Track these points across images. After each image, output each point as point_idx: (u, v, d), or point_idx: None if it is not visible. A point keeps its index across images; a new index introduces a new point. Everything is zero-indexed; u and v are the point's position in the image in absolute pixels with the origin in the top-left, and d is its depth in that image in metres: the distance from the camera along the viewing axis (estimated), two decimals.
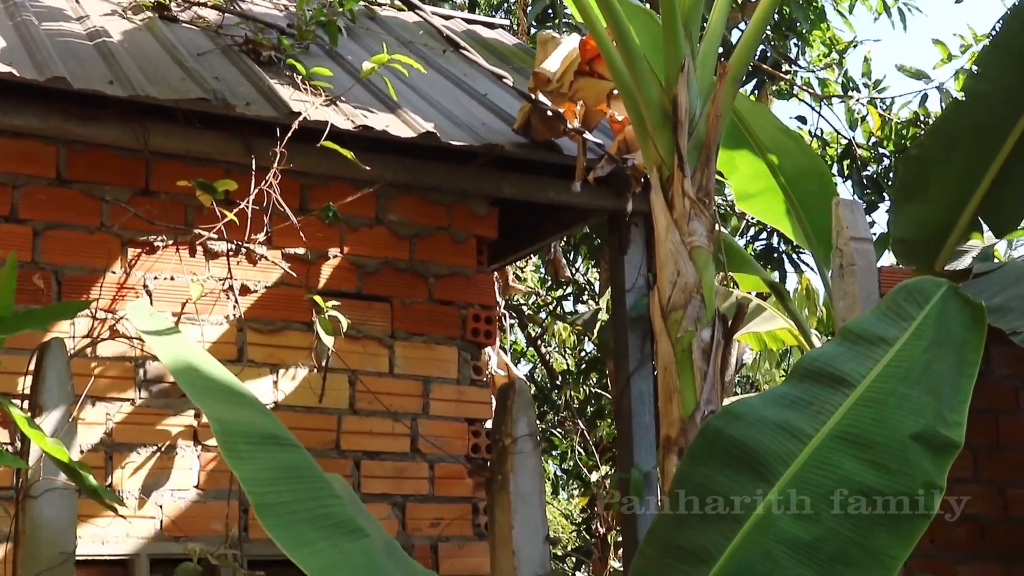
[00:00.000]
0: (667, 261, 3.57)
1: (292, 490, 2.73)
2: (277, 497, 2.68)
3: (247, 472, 2.68)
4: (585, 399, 11.01)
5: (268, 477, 2.72)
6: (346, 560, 2.67)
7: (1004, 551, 5.10)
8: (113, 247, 4.59)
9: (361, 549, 2.71)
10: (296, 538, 2.63)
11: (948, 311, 3.18)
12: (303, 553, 2.60)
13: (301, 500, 2.72)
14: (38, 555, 3.72)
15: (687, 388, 3.42)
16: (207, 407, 2.82)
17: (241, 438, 2.76)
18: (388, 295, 5.05)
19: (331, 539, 2.69)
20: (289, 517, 2.66)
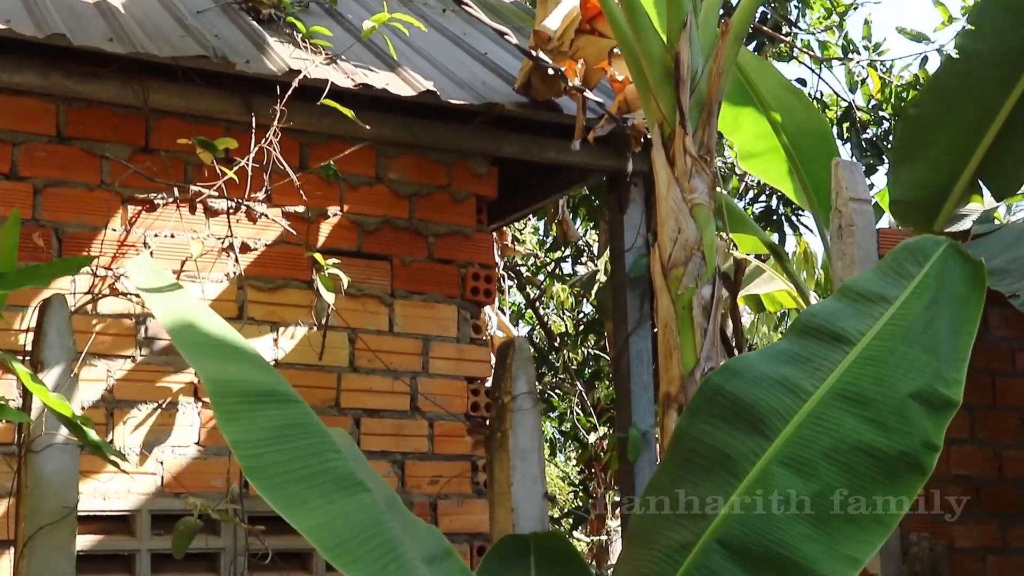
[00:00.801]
0: (668, 218, 3.58)
1: (288, 448, 2.73)
2: (270, 457, 2.68)
3: (238, 435, 2.68)
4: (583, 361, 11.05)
5: (261, 437, 2.71)
6: (341, 516, 2.67)
7: (999, 511, 5.13)
8: (113, 204, 4.59)
9: (359, 504, 2.72)
10: (289, 497, 2.63)
11: (948, 269, 3.18)
12: (296, 512, 2.61)
13: (297, 458, 2.72)
14: (40, 509, 3.75)
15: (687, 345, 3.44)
16: (202, 366, 2.82)
17: (236, 397, 2.76)
18: (388, 254, 5.06)
19: (328, 496, 2.69)
20: (282, 477, 2.66)
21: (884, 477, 2.92)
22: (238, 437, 2.67)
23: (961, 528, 5.02)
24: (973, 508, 5.08)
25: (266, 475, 2.64)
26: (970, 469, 5.10)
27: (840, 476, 2.94)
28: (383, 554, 2.66)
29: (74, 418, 3.33)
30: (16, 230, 3.27)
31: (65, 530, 3.78)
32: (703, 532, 2.96)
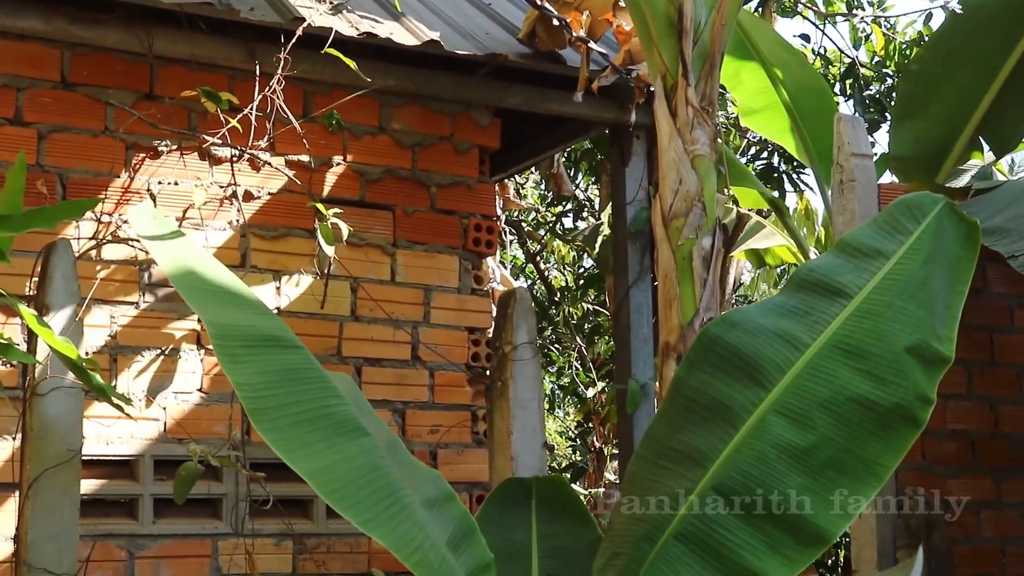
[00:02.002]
0: (669, 169, 3.59)
1: (290, 392, 2.76)
2: (272, 400, 2.71)
3: (242, 377, 2.71)
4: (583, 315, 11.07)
5: (264, 381, 2.74)
6: (343, 460, 2.71)
7: (994, 466, 5.18)
8: (117, 151, 4.60)
9: (360, 448, 2.75)
10: (290, 440, 2.66)
11: (944, 227, 3.22)
12: (297, 455, 2.64)
13: (300, 402, 2.75)
14: (45, 452, 3.78)
15: (687, 295, 3.47)
16: (204, 311, 2.84)
17: (238, 341, 2.79)
18: (390, 203, 5.07)
19: (329, 440, 2.73)
20: (284, 420, 2.69)
21: (879, 429, 2.96)
22: (241, 379, 2.70)
23: (956, 482, 5.07)
24: (968, 462, 5.12)
25: (268, 417, 2.67)
26: (966, 424, 5.14)
27: (836, 427, 2.97)
28: (383, 497, 2.70)
29: (79, 361, 3.36)
30: (22, 173, 3.29)
31: (69, 473, 3.82)
32: (700, 480, 3.00)
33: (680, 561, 2.96)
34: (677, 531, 2.98)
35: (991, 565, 5.11)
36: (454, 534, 3.09)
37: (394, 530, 2.68)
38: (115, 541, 4.38)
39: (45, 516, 3.75)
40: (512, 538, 3.66)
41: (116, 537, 4.39)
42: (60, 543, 3.78)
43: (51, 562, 3.75)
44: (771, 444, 2.98)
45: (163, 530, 4.46)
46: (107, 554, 4.35)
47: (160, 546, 4.45)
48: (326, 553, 4.69)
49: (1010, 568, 5.14)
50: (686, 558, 2.96)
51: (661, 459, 3.12)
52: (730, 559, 2.92)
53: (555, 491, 3.79)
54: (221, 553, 4.52)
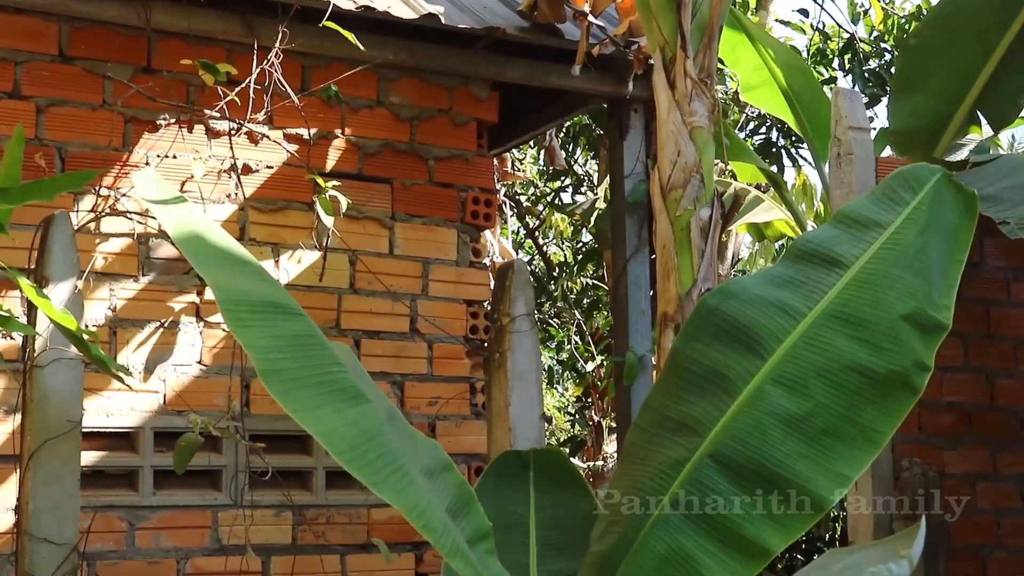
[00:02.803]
0: (668, 141, 3.60)
1: (296, 357, 2.78)
2: (282, 363, 2.73)
3: (251, 339, 2.72)
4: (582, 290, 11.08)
5: (272, 344, 2.76)
6: (348, 424, 2.73)
7: (990, 438, 5.20)
8: (115, 125, 4.61)
9: (363, 414, 2.77)
10: (301, 402, 2.68)
11: (941, 198, 3.22)
12: (307, 416, 2.66)
13: (305, 367, 2.77)
14: (46, 423, 3.81)
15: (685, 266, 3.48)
16: (211, 275, 2.85)
17: (245, 306, 2.80)
18: (388, 176, 5.08)
19: (335, 405, 2.74)
20: (293, 383, 2.71)
21: (876, 396, 2.97)
22: (252, 341, 2.71)
23: (952, 454, 5.10)
24: (965, 434, 5.15)
25: (280, 379, 2.68)
26: (963, 396, 5.17)
27: (832, 395, 2.98)
28: (387, 463, 2.72)
29: (79, 332, 3.38)
30: (21, 145, 3.29)
31: (70, 444, 3.84)
32: (697, 448, 3.01)
33: (677, 528, 2.98)
34: (674, 499, 3.00)
35: (987, 536, 5.15)
36: (453, 502, 3.11)
37: (401, 493, 2.70)
38: (115, 512, 4.41)
39: (46, 486, 3.77)
40: (510, 510, 3.68)
41: (116, 508, 4.41)
42: (61, 513, 3.80)
43: (52, 532, 3.77)
44: (767, 412, 2.99)
45: (163, 501, 4.49)
46: (108, 525, 4.38)
47: (160, 517, 4.47)
48: (325, 524, 4.72)
49: (1006, 539, 5.18)
50: (683, 525, 2.97)
51: (658, 429, 3.13)
52: (726, 526, 2.93)
53: (553, 463, 3.80)
54: (221, 524, 4.55)
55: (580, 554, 3.35)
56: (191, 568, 4.49)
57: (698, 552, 2.94)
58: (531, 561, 3.50)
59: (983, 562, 5.10)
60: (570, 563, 3.43)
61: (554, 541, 3.57)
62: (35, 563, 3.75)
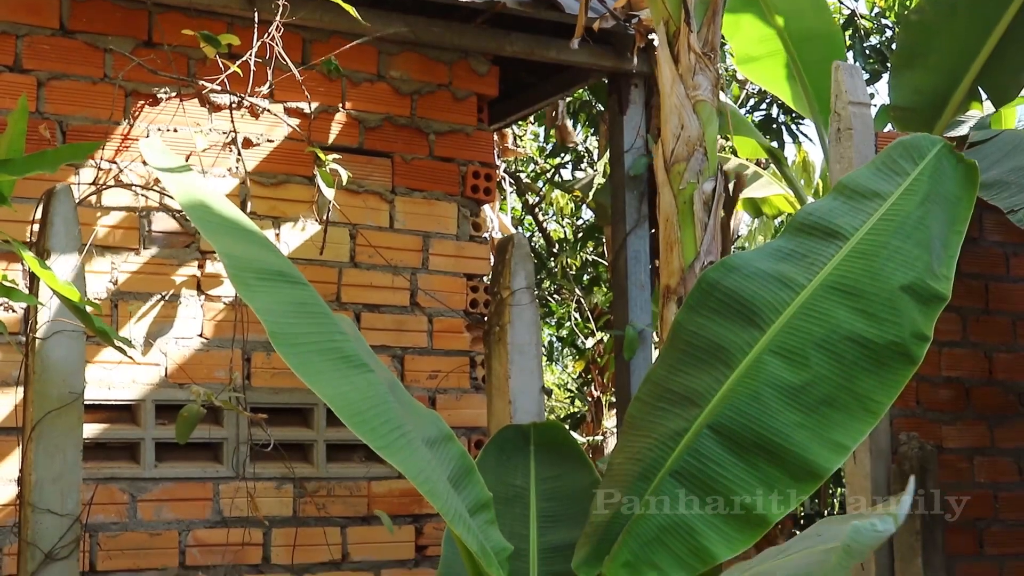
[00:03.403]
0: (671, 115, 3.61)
1: (302, 323, 2.80)
2: (290, 328, 2.75)
3: (260, 303, 2.74)
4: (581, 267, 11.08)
5: (280, 309, 2.78)
6: (355, 390, 2.75)
7: (988, 413, 5.22)
8: (117, 98, 4.61)
9: (368, 381, 2.79)
10: (309, 366, 2.70)
11: (942, 168, 3.22)
12: (316, 380, 2.68)
13: (311, 333, 2.79)
14: (48, 394, 3.82)
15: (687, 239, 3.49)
16: (219, 242, 2.86)
17: (251, 273, 2.81)
18: (389, 151, 5.09)
19: (341, 370, 2.76)
20: (301, 347, 2.72)
21: (873, 366, 2.97)
22: (262, 305, 2.73)
23: (950, 428, 5.11)
24: (963, 409, 5.17)
25: (289, 342, 2.70)
26: (961, 371, 5.18)
27: (830, 365, 2.99)
28: (392, 429, 2.74)
29: (81, 303, 3.39)
30: (24, 117, 3.30)
31: (72, 415, 3.85)
32: (695, 419, 3.03)
33: (675, 498, 3.00)
34: (672, 469, 3.02)
35: (984, 510, 5.17)
36: (454, 472, 3.13)
37: (407, 459, 2.71)
38: (117, 484, 4.43)
39: (48, 457, 3.79)
40: (511, 483, 3.70)
41: (118, 480, 4.43)
42: (63, 484, 3.82)
43: (55, 503, 3.79)
44: (765, 383, 3.00)
45: (164, 474, 4.51)
46: (110, 497, 4.40)
47: (162, 489, 4.49)
48: (326, 496, 4.74)
49: (1002, 513, 5.20)
50: (681, 495, 2.99)
51: (659, 401, 3.14)
52: (724, 495, 2.95)
53: (553, 436, 3.82)
54: (222, 496, 4.57)
55: (580, 526, 3.37)
56: (192, 540, 4.51)
57: (696, 521, 2.96)
58: (531, 532, 3.52)
59: (980, 536, 5.12)
60: (570, 534, 3.45)
61: (554, 513, 3.59)
62: (38, 534, 3.77)
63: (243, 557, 4.58)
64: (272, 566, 4.63)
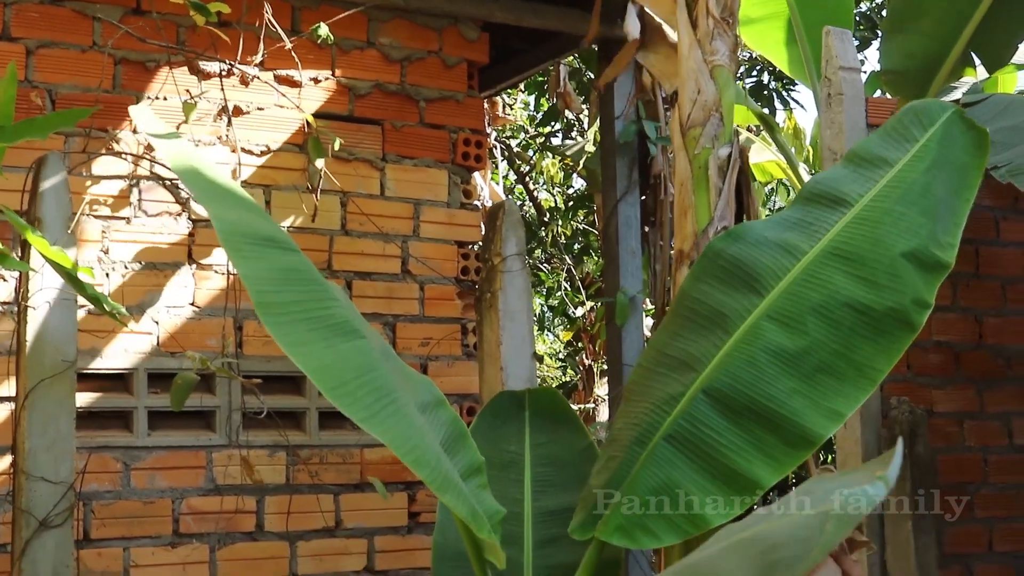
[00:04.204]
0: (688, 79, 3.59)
1: (292, 291, 2.78)
2: (277, 297, 2.73)
3: (249, 270, 2.72)
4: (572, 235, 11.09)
5: (269, 276, 2.76)
6: (341, 359, 2.74)
7: (977, 377, 5.24)
8: (106, 66, 4.59)
9: (357, 349, 2.78)
10: (293, 336, 2.69)
11: (951, 135, 3.19)
12: (300, 352, 2.67)
13: (300, 301, 2.78)
14: (41, 363, 3.81)
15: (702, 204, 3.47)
16: (212, 207, 2.85)
17: (243, 239, 2.80)
18: (379, 118, 5.08)
19: (328, 340, 2.75)
20: (287, 316, 2.71)
21: (872, 333, 2.96)
22: (249, 272, 2.72)
23: (940, 393, 5.14)
24: (952, 373, 5.19)
25: (273, 312, 2.69)
26: (951, 336, 5.20)
27: (828, 331, 2.98)
28: (380, 397, 2.73)
29: (73, 269, 3.38)
30: (13, 84, 3.28)
31: (64, 384, 3.85)
32: (691, 383, 3.03)
33: (669, 463, 3.00)
34: (667, 433, 3.02)
35: (973, 474, 5.20)
36: (446, 437, 3.13)
37: (391, 428, 2.70)
38: (111, 453, 4.44)
39: (41, 426, 3.79)
40: (506, 448, 3.70)
41: (111, 449, 4.44)
42: (57, 452, 3.82)
43: (48, 471, 3.79)
44: (762, 348, 2.99)
45: (158, 442, 4.52)
46: (103, 465, 4.41)
47: (155, 457, 4.50)
48: (319, 464, 4.75)
49: (991, 477, 5.23)
50: (675, 459, 3.00)
51: (658, 366, 3.15)
52: (718, 460, 2.95)
53: (547, 402, 3.83)
54: (215, 464, 4.58)
55: (574, 490, 3.38)
56: (186, 507, 4.53)
57: (690, 485, 2.96)
58: (526, 497, 3.53)
59: (970, 499, 5.16)
60: (564, 499, 3.46)
61: (549, 478, 3.60)
62: (32, 501, 3.77)
63: (236, 524, 4.60)
64: (265, 533, 4.65)
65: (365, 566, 4.80)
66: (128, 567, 4.41)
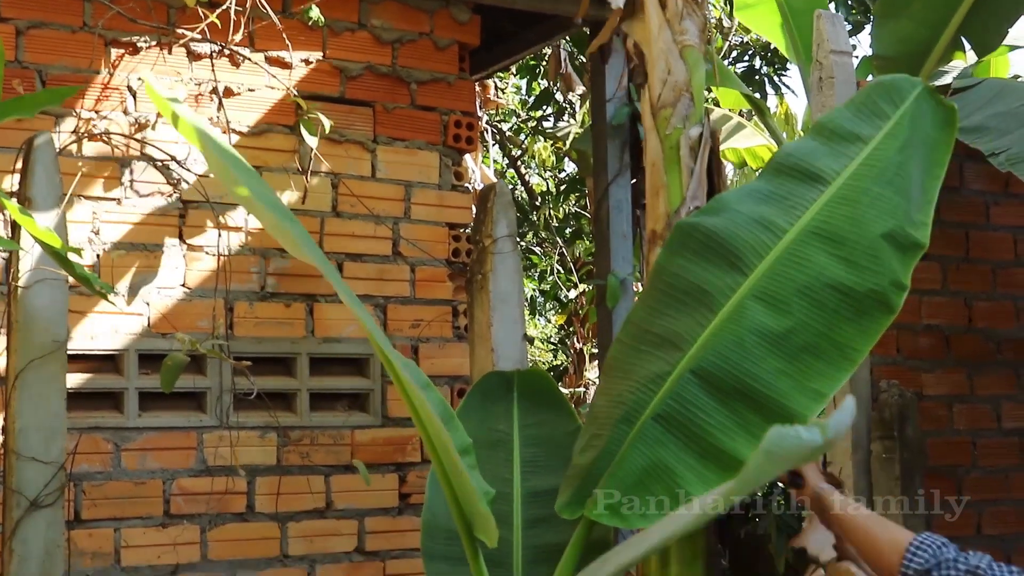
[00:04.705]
0: (658, 59, 3.59)
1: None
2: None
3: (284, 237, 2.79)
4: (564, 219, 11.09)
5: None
6: None
7: (967, 361, 5.26)
8: (96, 47, 4.58)
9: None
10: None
11: (922, 111, 3.20)
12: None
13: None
14: (31, 343, 3.82)
15: (674, 184, 3.48)
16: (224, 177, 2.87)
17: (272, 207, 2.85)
18: (370, 100, 5.07)
19: None
20: None
21: (853, 314, 2.99)
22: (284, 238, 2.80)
23: (930, 376, 5.16)
24: (942, 357, 5.21)
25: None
26: (941, 319, 5.22)
27: (812, 312, 3.00)
28: None
29: (63, 249, 3.38)
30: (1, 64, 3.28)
31: (55, 364, 3.86)
32: (678, 363, 3.04)
33: (657, 442, 3.02)
34: (655, 413, 3.04)
35: (962, 457, 5.22)
36: None
37: None
38: (101, 434, 4.44)
39: (32, 405, 3.80)
40: (495, 428, 3.72)
41: (102, 430, 4.44)
42: (47, 432, 3.83)
43: (39, 451, 3.80)
44: (748, 329, 3.01)
45: (148, 423, 4.51)
46: (94, 446, 4.41)
47: (146, 438, 4.50)
48: (310, 445, 4.76)
49: (980, 460, 5.25)
50: (663, 439, 3.02)
51: (641, 343, 3.16)
52: (705, 440, 2.97)
53: (536, 383, 3.84)
54: (206, 445, 4.58)
55: (562, 471, 3.40)
56: (177, 488, 4.53)
57: (677, 464, 2.98)
58: (514, 477, 3.55)
59: (959, 482, 5.18)
60: (553, 480, 3.48)
61: (537, 459, 3.62)
62: (23, 481, 3.78)
63: (227, 505, 4.61)
64: (256, 514, 4.65)
65: (356, 547, 4.81)
66: (119, 547, 4.41)
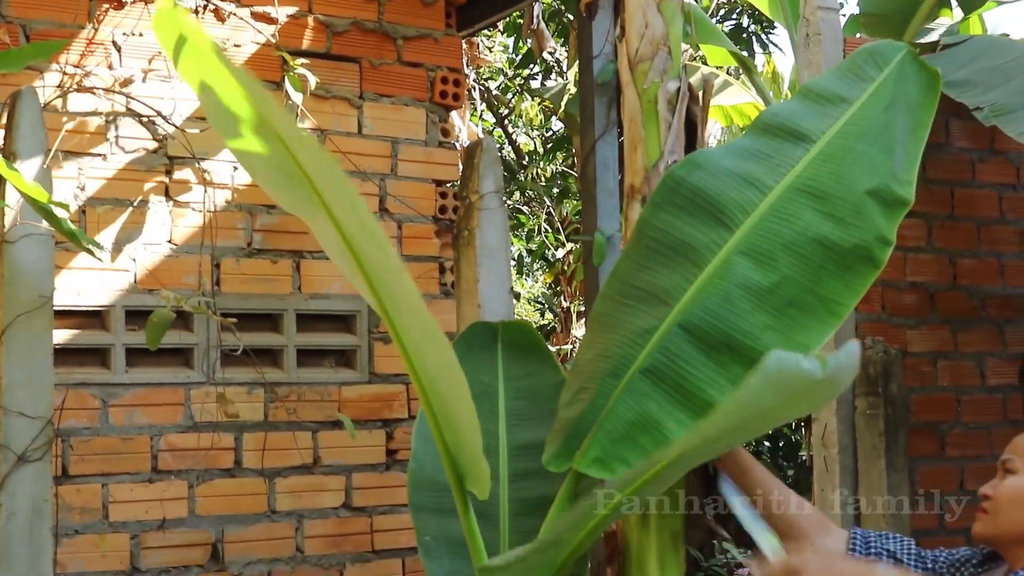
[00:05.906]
0: (636, 13, 3.58)
1: None
2: None
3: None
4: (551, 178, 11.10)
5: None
6: None
7: (952, 317, 5.29)
8: (81, 2, 4.55)
9: None
10: None
11: (906, 74, 3.24)
12: None
13: None
14: (18, 298, 3.82)
15: (652, 138, 3.48)
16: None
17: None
18: (356, 56, 5.05)
19: None
20: None
21: (839, 269, 3.02)
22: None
23: (914, 333, 5.19)
24: (927, 314, 5.23)
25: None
26: (926, 276, 5.25)
27: (798, 267, 3.03)
28: None
29: (49, 204, 3.38)
30: None
31: (42, 319, 3.86)
32: (665, 317, 3.06)
33: (646, 395, 3.03)
34: (643, 367, 3.05)
35: (946, 413, 5.26)
36: None
37: None
38: (88, 390, 4.44)
39: (19, 361, 3.80)
40: (479, 379, 3.72)
41: (89, 386, 4.44)
42: (35, 387, 3.84)
43: (26, 406, 3.81)
44: (735, 283, 3.03)
45: (135, 379, 4.52)
46: (81, 402, 4.41)
47: (133, 395, 4.51)
48: (297, 401, 4.77)
49: (964, 416, 5.29)
50: (652, 392, 3.03)
51: (626, 298, 3.17)
52: (693, 393, 2.99)
53: (521, 335, 3.84)
54: (193, 401, 4.59)
55: (548, 424, 3.40)
56: (164, 444, 4.54)
57: (665, 417, 3.00)
58: (500, 430, 3.56)
59: (942, 438, 5.22)
60: (538, 433, 3.48)
61: (522, 411, 3.63)
62: (10, 436, 3.79)
63: (215, 461, 4.62)
64: (244, 470, 4.67)
65: (343, 503, 4.84)
66: (107, 503, 4.42)
